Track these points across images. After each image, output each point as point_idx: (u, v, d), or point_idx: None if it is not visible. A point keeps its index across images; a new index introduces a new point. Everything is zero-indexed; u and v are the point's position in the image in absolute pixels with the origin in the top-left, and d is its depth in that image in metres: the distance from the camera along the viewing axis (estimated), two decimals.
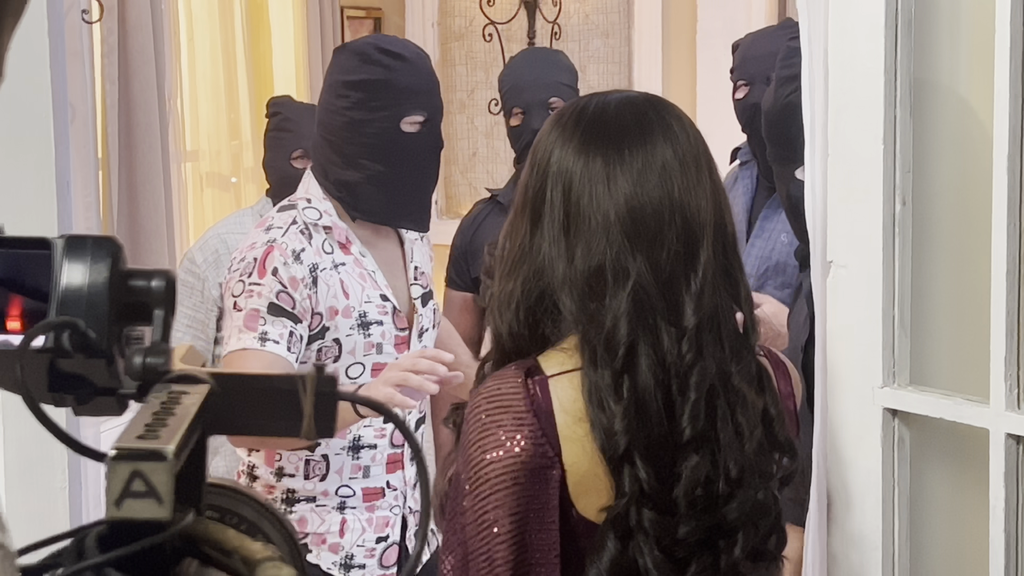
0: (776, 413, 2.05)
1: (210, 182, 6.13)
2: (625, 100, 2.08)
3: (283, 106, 4.62)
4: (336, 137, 3.37)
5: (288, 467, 3.39)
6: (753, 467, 1.99)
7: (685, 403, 1.94)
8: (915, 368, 2.19)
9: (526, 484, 1.95)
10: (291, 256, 3.25)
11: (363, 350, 3.32)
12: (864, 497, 2.22)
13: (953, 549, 2.23)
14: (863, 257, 2.19)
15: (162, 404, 0.93)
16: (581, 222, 1.98)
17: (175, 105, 5.54)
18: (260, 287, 3.22)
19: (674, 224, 1.97)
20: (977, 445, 2.07)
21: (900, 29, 2.16)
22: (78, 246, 0.98)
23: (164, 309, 1.00)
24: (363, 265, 3.38)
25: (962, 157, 2.17)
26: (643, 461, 1.92)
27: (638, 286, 1.94)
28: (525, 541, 1.96)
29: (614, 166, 1.98)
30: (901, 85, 2.17)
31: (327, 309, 3.27)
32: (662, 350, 1.95)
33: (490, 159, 6.90)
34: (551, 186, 2.02)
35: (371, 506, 3.41)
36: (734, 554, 1.99)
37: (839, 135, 2.23)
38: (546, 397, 1.98)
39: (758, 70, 3.96)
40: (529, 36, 6.72)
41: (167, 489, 0.86)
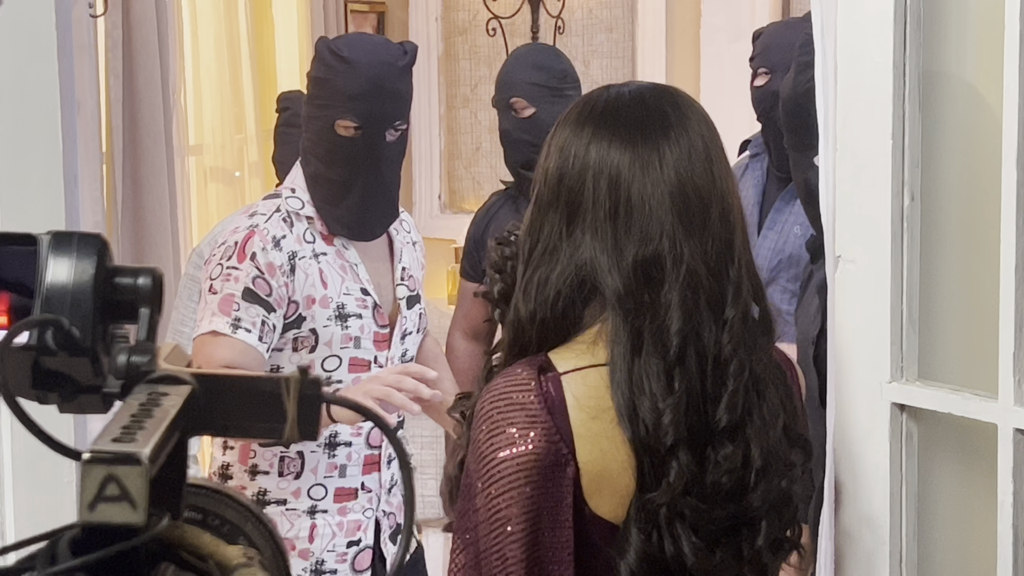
0: (792, 407, 2.05)
1: (214, 176, 6.13)
2: (651, 89, 2.08)
3: (293, 101, 4.61)
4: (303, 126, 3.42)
5: (263, 464, 3.36)
6: (777, 456, 1.99)
7: (723, 393, 1.94)
8: (923, 363, 2.19)
9: (540, 482, 1.94)
10: (271, 242, 3.24)
11: (340, 342, 3.30)
12: (872, 491, 2.22)
13: (961, 544, 2.23)
14: (872, 252, 2.19)
15: (141, 405, 0.92)
16: (632, 210, 1.97)
17: (179, 99, 5.54)
18: (238, 271, 3.21)
19: (714, 211, 1.98)
20: (985, 440, 2.07)
21: (909, 23, 2.16)
22: (64, 243, 0.98)
23: (150, 307, 0.99)
24: (345, 257, 3.36)
25: (971, 152, 2.17)
26: (686, 451, 1.92)
27: (691, 273, 1.94)
28: (539, 539, 1.95)
29: (664, 153, 1.98)
30: (910, 79, 2.17)
31: (304, 298, 3.26)
32: (703, 341, 1.95)
33: (494, 153, 6.88)
34: (592, 178, 2.00)
35: (343, 508, 3.37)
36: (757, 543, 1.99)
37: (848, 130, 2.23)
38: (559, 394, 1.97)
39: (780, 59, 3.94)
40: (532, 31, 6.72)
41: (141, 493, 0.84)
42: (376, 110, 3.30)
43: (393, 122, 3.33)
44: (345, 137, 3.30)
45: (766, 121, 3.99)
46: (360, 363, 3.33)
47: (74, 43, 2.90)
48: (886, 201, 2.17)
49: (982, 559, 2.10)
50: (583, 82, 4.37)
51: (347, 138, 3.29)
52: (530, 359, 2.01)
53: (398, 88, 3.37)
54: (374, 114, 3.29)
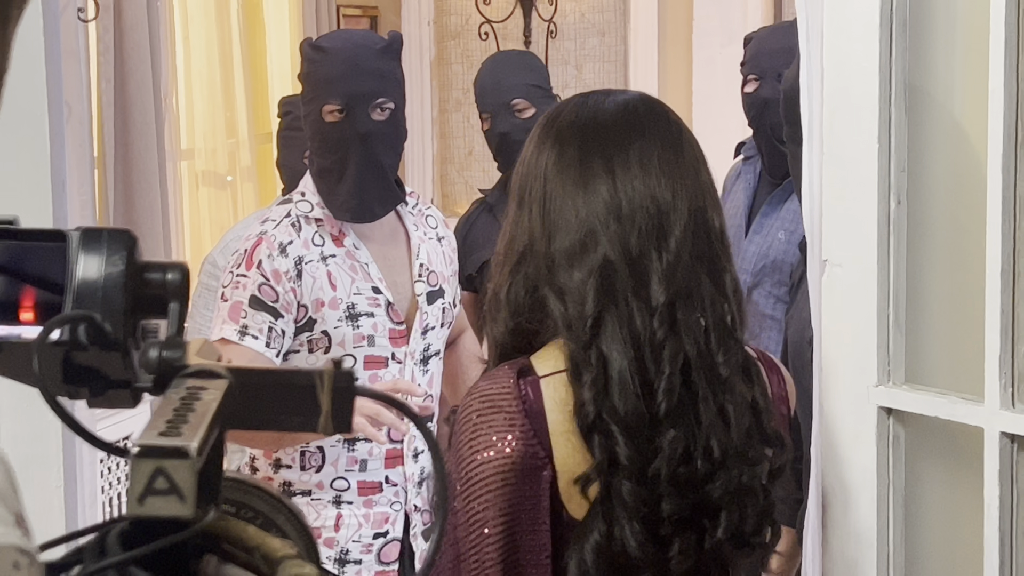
0: (765, 406, 2.06)
1: (206, 180, 6.14)
2: (608, 97, 2.11)
3: (294, 105, 4.62)
4: None
5: (285, 458, 3.40)
6: (738, 451, 2.00)
7: (660, 378, 1.96)
8: (910, 367, 2.20)
9: (517, 485, 1.96)
10: (277, 249, 3.29)
11: (353, 342, 3.34)
12: (860, 495, 2.22)
13: (948, 546, 2.23)
14: (858, 256, 2.20)
15: (181, 400, 0.93)
16: (555, 206, 2.01)
17: (171, 103, 5.54)
18: (245, 279, 3.26)
19: (645, 207, 1.99)
20: (972, 443, 2.08)
21: (895, 30, 2.16)
22: (94, 239, 0.98)
23: (179, 302, 1.00)
24: (355, 257, 3.39)
25: (956, 156, 2.18)
26: (619, 432, 1.93)
27: (605, 259, 1.97)
28: (516, 542, 1.97)
29: (587, 154, 2.02)
30: (895, 85, 2.17)
31: (312, 301, 3.30)
32: (635, 326, 1.96)
33: (486, 157, 6.86)
34: (532, 176, 2.06)
35: (368, 500, 3.41)
36: (717, 535, 2.00)
37: (834, 135, 2.23)
38: (538, 398, 1.99)
39: (770, 65, 3.96)
40: (525, 35, 6.73)
41: (190, 487, 0.85)
42: (355, 88, 3.36)
43: (375, 99, 3.38)
44: (332, 122, 3.37)
45: (757, 127, 4.01)
46: (376, 360, 3.37)
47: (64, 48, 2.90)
48: (872, 205, 2.17)
49: (969, 562, 2.11)
50: (576, 86, 4.40)
51: (333, 123, 3.36)
52: (512, 362, 2.03)
53: (378, 67, 3.43)
54: (353, 92, 3.35)
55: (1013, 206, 2.00)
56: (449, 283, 3.59)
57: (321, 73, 3.37)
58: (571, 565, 1.98)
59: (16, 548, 0.73)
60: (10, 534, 0.73)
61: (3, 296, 0.98)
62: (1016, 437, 2.02)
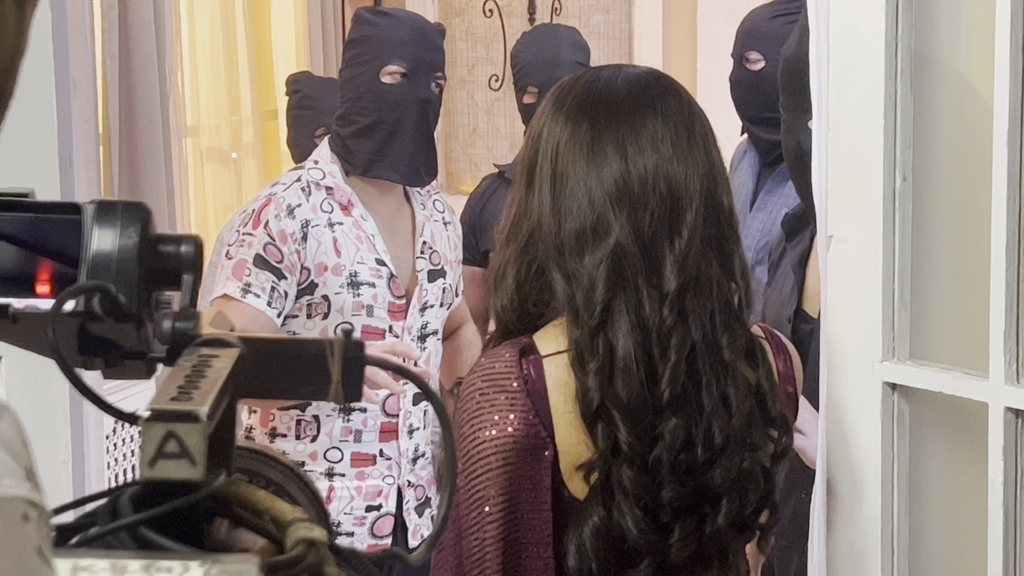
0: (770, 388, 2.06)
1: (210, 157, 6.14)
2: (620, 72, 2.11)
3: (302, 83, 4.63)
4: (339, 98, 3.48)
5: (280, 427, 3.43)
6: (740, 437, 2.00)
7: (665, 365, 1.96)
8: (915, 342, 2.20)
9: (518, 464, 1.97)
10: (285, 210, 3.33)
11: (352, 310, 3.37)
12: (864, 470, 2.23)
13: (952, 522, 2.24)
14: (863, 232, 2.20)
15: (193, 367, 0.94)
16: (566, 186, 2.01)
17: (175, 80, 5.54)
18: (251, 238, 3.30)
19: (658, 189, 1.99)
20: (976, 419, 2.08)
21: (900, 4, 2.17)
22: (108, 211, 0.99)
23: (192, 274, 1.01)
24: (362, 228, 3.42)
25: (963, 132, 2.18)
26: (621, 419, 1.94)
27: (618, 245, 1.97)
28: (517, 520, 1.98)
29: (599, 132, 2.01)
30: (902, 60, 2.17)
31: (315, 265, 3.33)
32: (643, 312, 1.97)
33: (490, 135, 6.89)
34: (541, 153, 2.05)
35: (360, 473, 3.43)
36: (718, 521, 2.00)
37: (840, 110, 2.24)
38: (540, 377, 2.00)
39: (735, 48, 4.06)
40: (529, 12, 6.72)
41: (200, 450, 0.86)
42: (421, 54, 3.48)
43: (436, 71, 3.49)
44: (391, 84, 3.45)
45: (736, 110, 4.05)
46: (374, 331, 3.40)
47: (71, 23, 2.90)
48: (878, 181, 2.18)
49: (973, 537, 2.12)
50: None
51: (393, 84, 3.44)
52: (514, 341, 2.04)
53: (437, 42, 3.56)
54: (420, 58, 3.47)
55: (1019, 181, 2.01)
56: (452, 267, 3.62)
57: (385, 35, 3.44)
58: (570, 549, 1.99)
59: (25, 500, 0.74)
60: (19, 486, 0.74)
61: (20, 268, 0.99)
62: (1021, 412, 2.03)
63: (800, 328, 3.01)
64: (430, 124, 3.50)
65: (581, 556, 1.98)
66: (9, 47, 0.87)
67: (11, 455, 0.75)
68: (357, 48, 3.50)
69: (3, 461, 0.74)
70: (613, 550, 1.99)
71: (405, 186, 3.57)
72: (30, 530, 0.74)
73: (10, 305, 0.98)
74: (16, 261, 0.99)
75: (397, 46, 3.43)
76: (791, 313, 3.05)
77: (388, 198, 3.54)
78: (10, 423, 0.78)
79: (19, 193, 1.00)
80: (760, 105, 3.90)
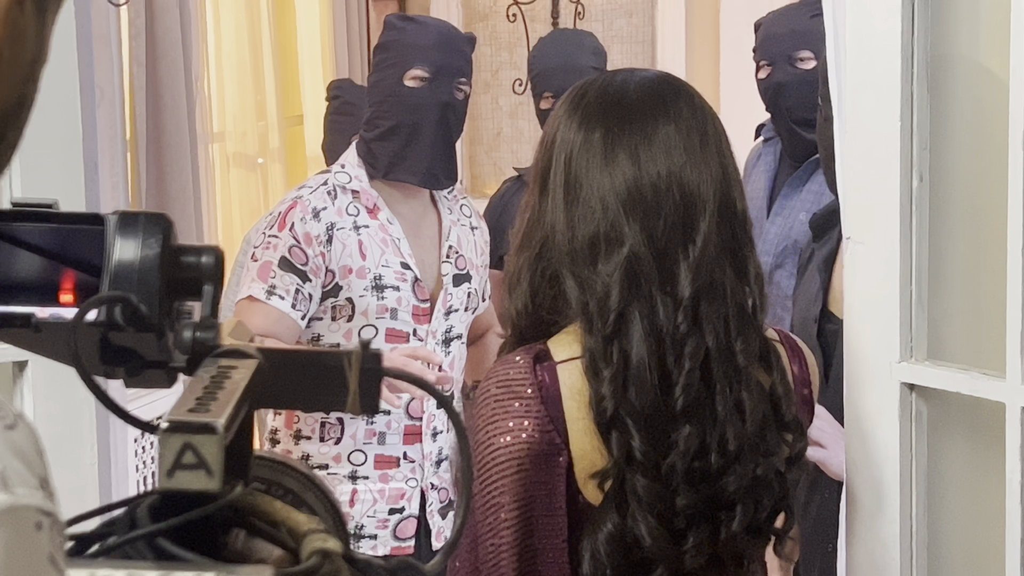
0: (784, 392, 2.06)
1: (236, 163, 6.17)
2: (632, 77, 2.11)
3: (343, 89, 4.66)
4: (367, 102, 3.53)
5: (305, 430, 3.46)
6: (753, 443, 2.00)
7: (680, 373, 1.96)
8: (932, 343, 2.21)
9: (532, 470, 1.97)
10: (310, 213, 3.35)
11: (376, 312, 3.39)
12: (883, 470, 2.24)
13: (970, 521, 2.25)
14: (881, 233, 2.21)
15: (212, 378, 0.95)
16: (579, 192, 2.01)
17: (202, 86, 5.57)
18: (277, 240, 3.33)
19: (671, 196, 1.99)
20: (994, 419, 2.09)
21: (917, 5, 2.17)
22: (130, 222, 1.00)
23: (213, 284, 1.03)
24: (388, 231, 3.44)
25: (979, 133, 2.19)
26: (635, 428, 1.94)
27: (632, 253, 1.96)
28: (532, 526, 1.98)
29: (613, 138, 2.01)
30: (918, 62, 2.18)
31: (340, 268, 3.35)
32: (657, 319, 1.96)
33: (514, 139, 6.91)
34: (555, 159, 2.05)
35: (384, 475, 3.45)
36: (733, 527, 2.00)
37: (856, 112, 2.25)
38: (554, 383, 2.00)
39: (779, 49, 3.98)
40: (553, 16, 6.74)
41: (217, 461, 0.88)
42: (444, 59, 3.48)
43: (460, 76, 3.51)
44: (413, 87, 3.47)
45: (774, 111, 4.03)
46: (398, 334, 3.42)
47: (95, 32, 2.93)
48: (895, 182, 2.18)
49: (991, 536, 2.12)
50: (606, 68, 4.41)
51: (415, 88, 3.46)
52: (528, 347, 2.04)
53: (464, 50, 3.57)
54: (443, 63, 3.47)
55: None
56: (478, 272, 3.63)
57: (410, 40, 3.47)
58: (585, 556, 1.99)
59: (38, 509, 0.76)
60: (33, 495, 0.76)
61: (43, 278, 1.01)
62: None
63: (826, 329, 3.01)
64: (451, 128, 3.52)
65: (596, 563, 1.99)
66: (29, 55, 0.88)
67: (25, 465, 0.77)
68: (384, 53, 3.53)
69: (17, 471, 0.76)
70: (627, 557, 1.99)
71: (430, 190, 3.59)
72: (43, 538, 0.76)
73: (34, 314, 0.99)
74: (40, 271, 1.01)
75: (421, 50, 3.45)
76: (817, 313, 3.05)
77: (413, 202, 3.55)
78: (25, 433, 0.80)
79: (43, 204, 1.01)
80: (811, 105, 3.90)
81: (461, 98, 3.53)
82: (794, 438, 2.07)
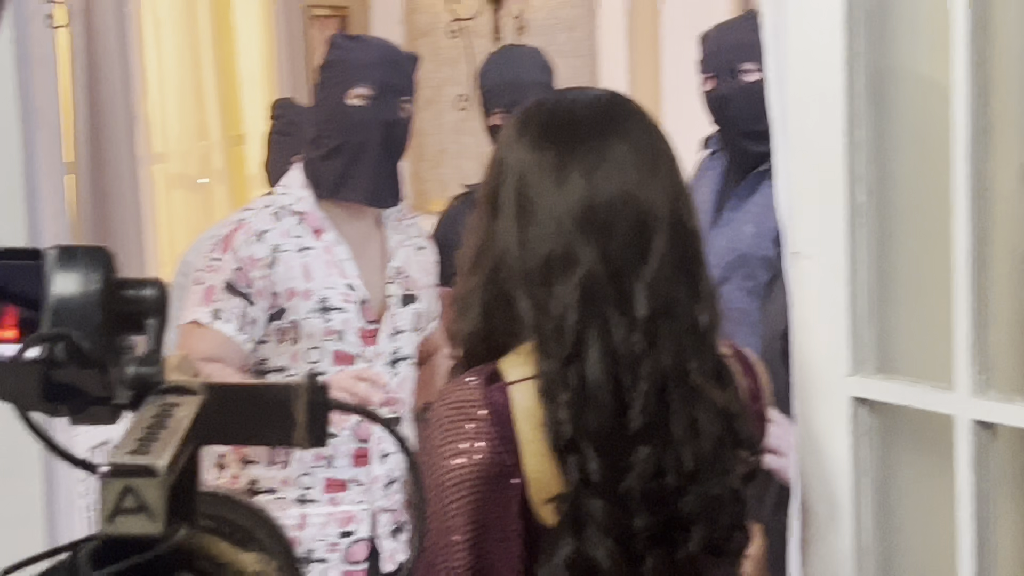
0: (738, 410, 2.05)
1: (178, 183, 6.14)
2: (582, 96, 2.09)
3: (286, 108, 4.64)
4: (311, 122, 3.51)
5: (252, 454, 3.42)
6: (710, 462, 1.99)
7: (636, 394, 1.94)
8: (882, 357, 2.21)
9: (486, 492, 1.95)
10: (254, 236, 3.33)
11: (322, 335, 3.37)
12: (835, 484, 2.24)
13: (923, 535, 2.25)
14: (828, 248, 2.21)
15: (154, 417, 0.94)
16: (533, 213, 1.99)
17: (143, 107, 5.54)
18: (220, 263, 3.30)
19: (626, 215, 1.97)
20: (944, 431, 2.09)
21: (860, 21, 2.18)
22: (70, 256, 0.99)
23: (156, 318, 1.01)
24: (333, 253, 3.42)
25: (923, 146, 2.19)
26: (592, 451, 1.92)
27: (588, 274, 1.94)
28: (486, 549, 1.96)
29: (565, 158, 1.99)
30: (862, 76, 2.18)
31: (285, 290, 3.33)
32: (613, 340, 1.94)
33: (459, 155, 6.90)
34: (506, 179, 2.03)
35: (333, 498, 3.43)
36: (690, 548, 1.99)
37: (801, 127, 2.25)
38: (507, 404, 1.98)
39: (724, 62, 3.99)
40: (494, 32, 6.74)
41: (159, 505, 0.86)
42: (387, 78, 3.47)
43: (403, 95, 3.49)
44: (357, 105, 3.44)
45: (720, 123, 4.03)
46: (344, 356, 3.39)
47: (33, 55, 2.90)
48: (841, 196, 2.19)
49: (943, 548, 2.12)
50: None
51: (359, 106, 3.44)
52: (480, 368, 2.02)
53: (406, 68, 3.56)
54: (387, 81, 3.46)
55: (980, 195, 2.02)
56: (426, 292, 3.61)
57: (354, 59, 3.45)
58: None
59: None
60: None
61: None
62: (988, 424, 2.04)
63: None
64: (395, 147, 3.50)
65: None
66: None
67: None
68: (328, 72, 3.51)
69: None
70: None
71: (377, 211, 3.57)
72: None
73: None
74: None
75: (364, 69, 3.43)
76: (783, 329, 3.04)
77: (359, 223, 3.53)
78: None
79: None
80: (755, 117, 3.91)
81: (405, 117, 3.51)
82: (749, 455, 2.06)
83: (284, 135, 4.49)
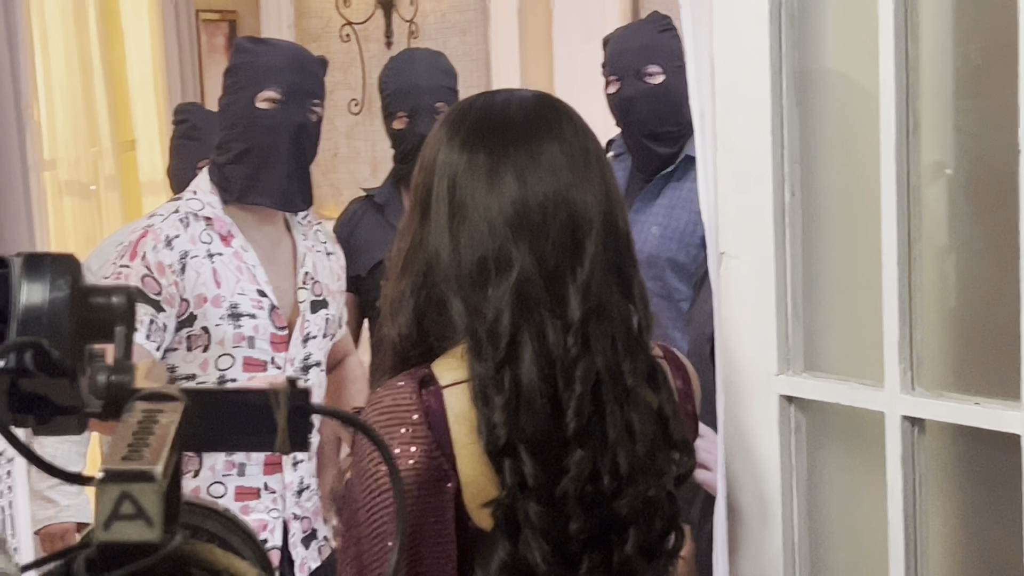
0: (672, 412, 2.05)
1: (69, 190, 6.04)
2: (513, 97, 2.09)
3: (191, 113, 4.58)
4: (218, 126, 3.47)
5: None
6: (645, 464, 1.99)
7: (570, 397, 1.93)
8: (809, 355, 2.23)
9: (420, 497, 1.93)
10: (162, 242, 3.29)
11: (233, 341, 3.33)
12: (764, 483, 2.25)
13: (853, 532, 2.27)
14: (755, 247, 2.23)
15: (139, 423, 0.92)
16: (465, 215, 1.97)
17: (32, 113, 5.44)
18: (128, 270, 3.25)
19: (558, 217, 1.97)
20: (873, 428, 2.11)
21: (784, 21, 2.19)
22: (36, 264, 0.97)
23: (125, 325, 0.99)
24: (243, 259, 3.39)
25: (849, 146, 2.22)
26: (527, 454, 1.92)
27: (522, 277, 1.94)
28: (420, 554, 1.94)
29: (497, 160, 1.98)
30: (787, 78, 2.20)
31: (195, 297, 3.29)
32: (547, 343, 1.94)
33: (351, 159, 6.87)
34: (437, 182, 2.01)
35: (244, 507, 3.39)
36: (625, 550, 1.99)
37: (727, 128, 2.26)
38: (440, 408, 1.96)
39: (628, 64, 4.01)
40: (386, 36, 6.72)
41: (157, 510, 0.85)
42: (297, 81, 3.44)
43: (313, 98, 3.47)
44: (267, 109, 3.41)
45: (625, 125, 4.06)
46: (255, 363, 3.36)
47: None
48: (767, 197, 2.20)
49: (874, 545, 2.15)
50: None
51: (268, 110, 3.41)
52: (413, 371, 2.00)
53: (315, 71, 3.54)
54: (296, 84, 3.43)
55: (907, 193, 2.04)
56: (335, 298, 3.59)
57: (262, 62, 3.41)
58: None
59: None
60: None
61: None
62: (917, 420, 2.06)
63: None
64: (305, 150, 3.48)
65: None
66: None
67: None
68: (235, 76, 3.47)
69: None
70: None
71: (285, 216, 3.54)
72: None
73: None
74: None
75: (273, 72, 3.41)
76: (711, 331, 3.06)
77: (268, 228, 3.50)
78: None
79: None
80: (660, 119, 3.94)
81: (315, 120, 3.49)
82: (682, 457, 2.07)
83: (189, 139, 4.44)
